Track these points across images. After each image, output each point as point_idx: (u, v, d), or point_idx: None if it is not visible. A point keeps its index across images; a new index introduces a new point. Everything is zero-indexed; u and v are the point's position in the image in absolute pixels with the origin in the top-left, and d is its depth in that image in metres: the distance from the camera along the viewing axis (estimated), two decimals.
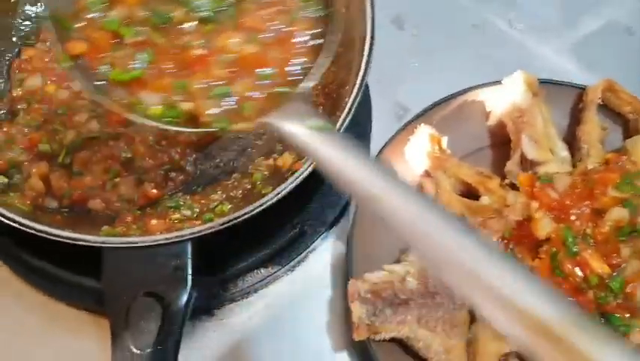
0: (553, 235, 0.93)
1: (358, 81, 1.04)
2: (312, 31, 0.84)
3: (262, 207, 0.95)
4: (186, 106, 0.79)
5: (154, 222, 1.05)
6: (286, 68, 0.81)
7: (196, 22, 0.82)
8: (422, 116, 1.20)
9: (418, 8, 1.40)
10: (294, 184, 0.96)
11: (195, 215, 1.08)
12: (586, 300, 0.91)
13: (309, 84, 0.80)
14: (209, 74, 0.80)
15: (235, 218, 0.94)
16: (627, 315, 0.94)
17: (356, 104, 1.02)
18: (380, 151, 1.17)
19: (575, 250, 0.91)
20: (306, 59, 0.82)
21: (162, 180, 1.14)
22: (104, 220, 1.07)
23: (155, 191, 1.12)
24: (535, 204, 0.97)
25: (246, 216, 0.94)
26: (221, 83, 0.79)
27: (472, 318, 1.04)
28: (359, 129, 1.23)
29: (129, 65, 0.80)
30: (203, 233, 0.93)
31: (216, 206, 1.08)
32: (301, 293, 1.12)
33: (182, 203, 1.10)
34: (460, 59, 1.34)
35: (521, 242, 0.98)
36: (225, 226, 0.94)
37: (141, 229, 1.05)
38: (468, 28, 1.38)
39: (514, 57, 1.33)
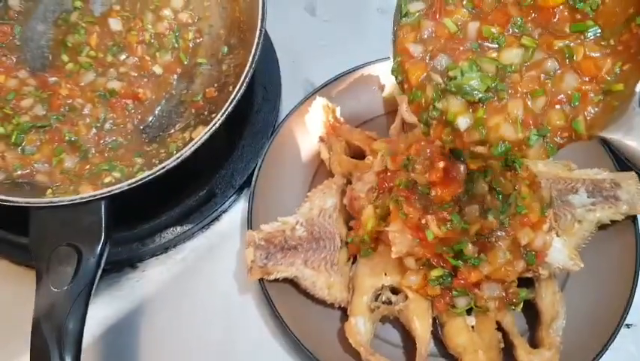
0: (399, 183, 1.10)
1: (250, 57, 1.20)
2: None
3: (163, 170, 1.11)
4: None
5: (83, 187, 1.22)
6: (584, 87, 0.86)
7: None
8: (321, 89, 1.36)
9: None
10: (189, 151, 1.12)
11: (124, 178, 1.24)
12: (425, 236, 1.07)
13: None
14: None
15: (141, 179, 1.11)
16: (477, 249, 1.10)
17: (249, 76, 1.18)
18: (283, 120, 1.33)
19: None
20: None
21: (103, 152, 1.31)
22: (46, 190, 1.24)
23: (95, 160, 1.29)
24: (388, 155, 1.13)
25: (149, 178, 1.10)
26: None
27: (355, 259, 1.20)
28: (270, 104, 1.40)
29: None
30: (113, 192, 1.10)
31: (137, 171, 1.24)
32: (214, 247, 1.30)
33: (115, 165, 1.26)
34: (367, 40, 1.50)
35: (384, 191, 1.14)
36: (132, 185, 1.10)
37: (75, 192, 1.22)
38: (374, 12, 1.55)
39: None
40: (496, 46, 0.89)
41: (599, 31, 0.86)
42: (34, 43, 1.39)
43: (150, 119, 1.34)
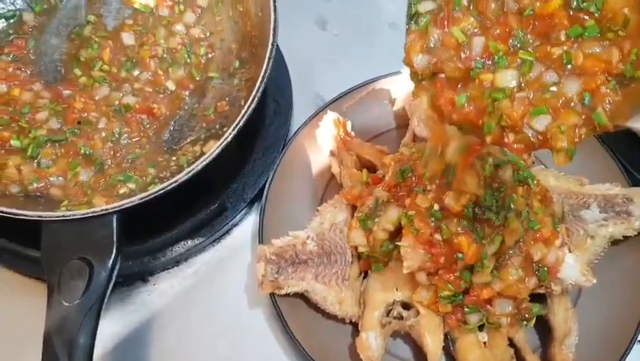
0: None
1: (262, 72, 1.20)
2: None
3: (175, 185, 1.11)
4: None
5: (97, 199, 1.22)
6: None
7: None
8: (332, 104, 1.37)
9: (339, 10, 1.57)
10: (201, 165, 1.12)
11: (138, 189, 1.24)
12: (438, 252, 1.07)
13: None
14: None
15: (152, 193, 1.11)
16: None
17: (261, 91, 1.17)
18: (294, 134, 1.33)
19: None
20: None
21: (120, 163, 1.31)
22: (60, 203, 1.24)
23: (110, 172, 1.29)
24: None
25: (160, 192, 1.11)
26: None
27: (366, 274, 1.20)
28: (281, 118, 1.40)
29: None
30: (124, 206, 1.10)
31: (150, 182, 1.25)
32: (225, 261, 1.30)
33: (130, 176, 1.26)
34: (377, 55, 1.51)
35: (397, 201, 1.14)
36: (144, 200, 1.11)
37: (89, 204, 1.22)
38: (384, 27, 1.55)
39: None
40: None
41: (597, 30, 0.83)
42: (48, 57, 1.40)
43: (165, 134, 1.34)
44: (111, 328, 1.23)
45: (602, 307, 1.19)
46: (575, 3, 0.84)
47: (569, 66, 0.83)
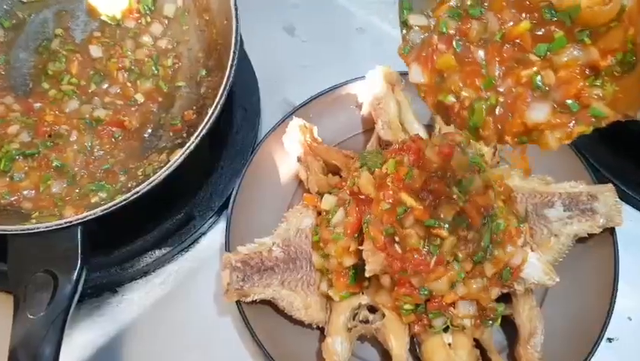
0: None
1: (225, 79, 1.19)
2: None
3: (137, 195, 1.11)
4: None
5: (67, 210, 1.23)
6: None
7: None
8: (299, 109, 1.37)
9: (307, 16, 1.58)
10: (163, 175, 1.11)
11: (109, 198, 1.24)
12: (393, 260, 1.08)
13: None
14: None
15: (115, 204, 1.11)
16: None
17: (224, 98, 1.17)
18: (261, 141, 1.34)
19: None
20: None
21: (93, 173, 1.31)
22: (30, 216, 1.24)
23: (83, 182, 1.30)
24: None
25: (122, 203, 1.11)
26: None
27: None
28: (249, 125, 1.41)
29: None
30: (87, 218, 1.10)
31: (118, 192, 1.25)
32: (194, 270, 1.31)
33: (102, 184, 1.27)
34: (346, 60, 1.52)
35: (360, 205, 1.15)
36: (106, 211, 1.11)
37: (60, 216, 1.22)
38: (353, 32, 1.56)
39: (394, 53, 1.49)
40: None
41: (565, 41, 0.81)
42: (17, 71, 1.41)
43: (136, 144, 1.35)
44: (81, 339, 1.23)
45: (568, 305, 1.20)
46: (547, 15, 0.82)
47: (541, 86, 0.81)
